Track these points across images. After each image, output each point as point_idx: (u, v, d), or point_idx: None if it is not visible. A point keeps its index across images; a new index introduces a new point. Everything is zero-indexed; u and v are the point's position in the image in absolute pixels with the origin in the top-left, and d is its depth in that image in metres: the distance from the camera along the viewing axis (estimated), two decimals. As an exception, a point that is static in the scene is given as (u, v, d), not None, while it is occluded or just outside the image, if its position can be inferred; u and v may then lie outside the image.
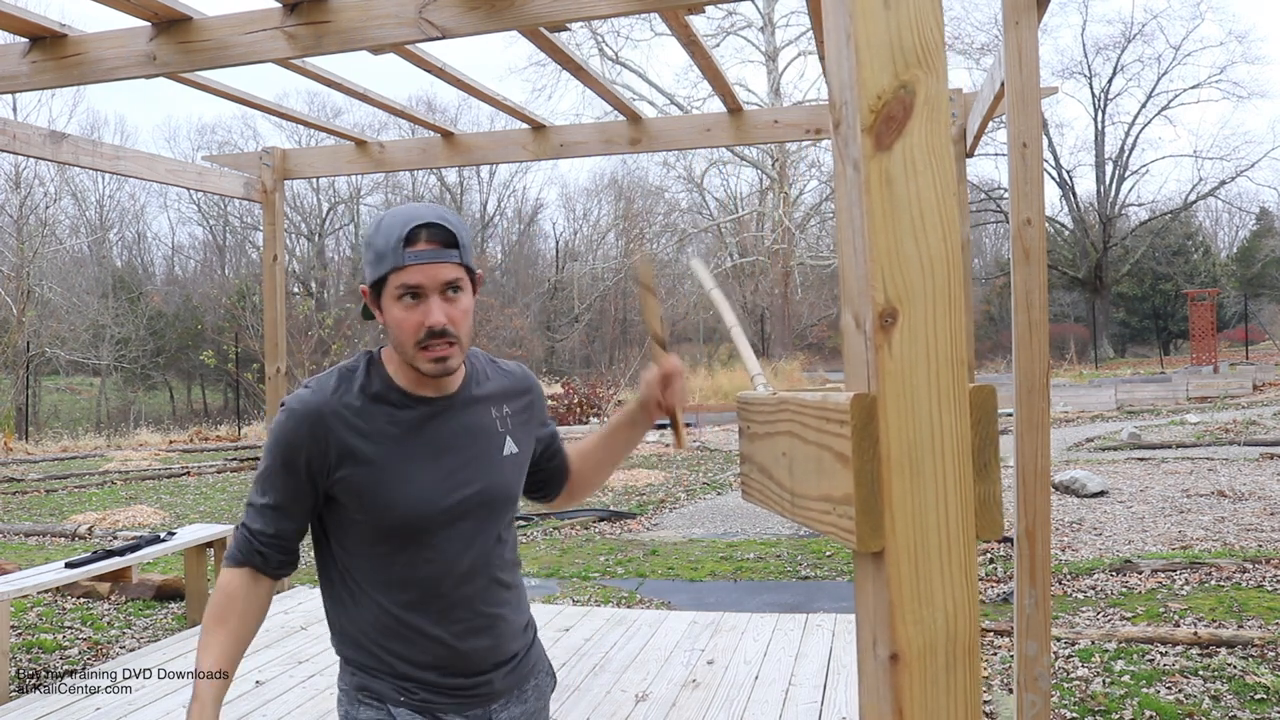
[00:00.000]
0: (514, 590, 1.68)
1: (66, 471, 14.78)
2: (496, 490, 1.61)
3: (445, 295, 1.48)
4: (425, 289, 1.46)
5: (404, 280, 1.45)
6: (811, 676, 4.06)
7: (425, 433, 1.56)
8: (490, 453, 1.62)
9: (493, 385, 1.67)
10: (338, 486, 1.53)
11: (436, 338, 1.47)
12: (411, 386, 1.57)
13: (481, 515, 1.60)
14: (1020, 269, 2.80)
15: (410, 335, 1.48)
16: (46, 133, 4.60)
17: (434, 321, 1.46)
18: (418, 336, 1.47)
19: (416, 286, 1.46)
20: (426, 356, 1.48)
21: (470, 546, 1.59)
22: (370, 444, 1.53)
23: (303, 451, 1.53)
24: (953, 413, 0.78)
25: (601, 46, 32.82)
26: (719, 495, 10.47)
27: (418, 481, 1.54)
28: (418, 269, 1.45)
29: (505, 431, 1.65)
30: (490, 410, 1.64)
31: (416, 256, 1.45)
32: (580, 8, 3.08)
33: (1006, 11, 2.80)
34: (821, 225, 35.65)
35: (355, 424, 1.53)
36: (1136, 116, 36.19)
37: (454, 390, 1.60)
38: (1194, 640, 4.61)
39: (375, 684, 1.61)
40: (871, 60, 0.75)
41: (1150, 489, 9.13)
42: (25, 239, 27.35)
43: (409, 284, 1.46)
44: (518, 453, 1.67)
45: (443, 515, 1.56)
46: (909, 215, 0.76)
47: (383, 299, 1.50)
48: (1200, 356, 24.90)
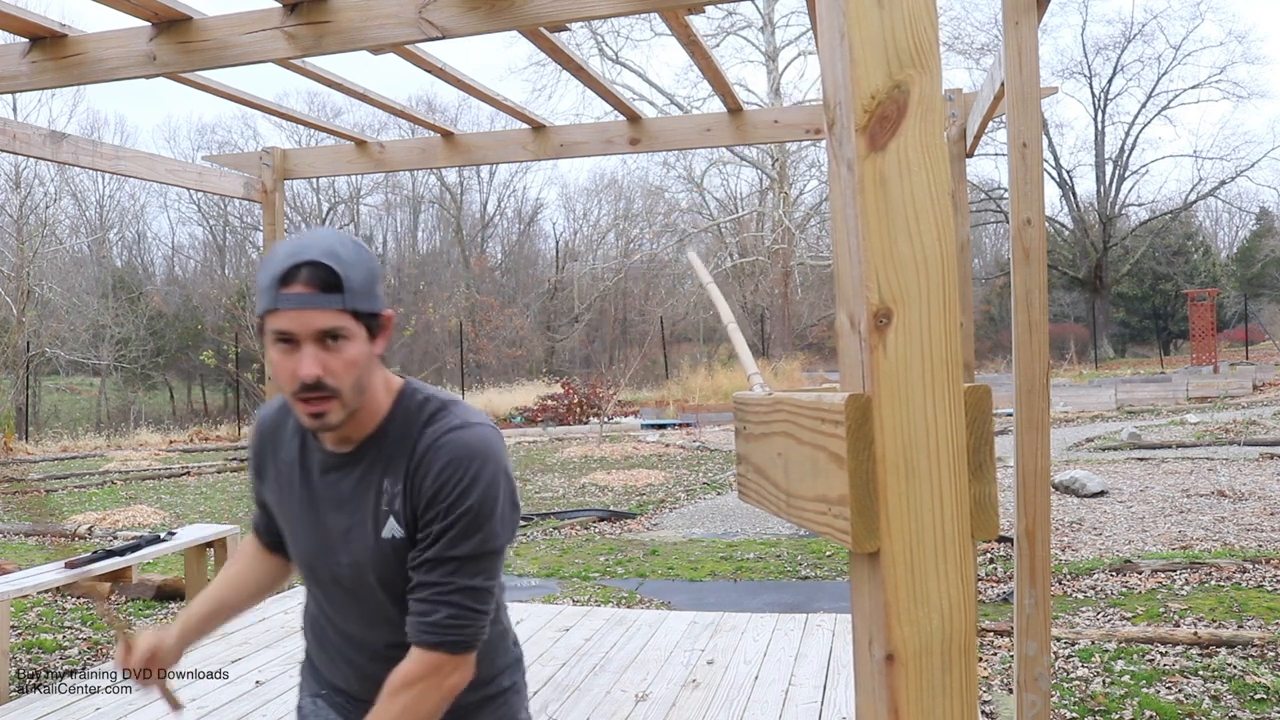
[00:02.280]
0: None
1: (66, 471, 14.78)
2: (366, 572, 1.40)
3: (323, 344, 1.29)
4: (298, 336, 1.29)
5: (275, 325, 1.29)
6: (811, 676, 4.06)
7: (323, 485, 1.44)
8: (365, 528, 1.40)
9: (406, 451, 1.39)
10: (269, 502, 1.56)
11: (309, 390, 1.30)
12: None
13: (351, 589, 1.43)
14: (1020, 269, 2.80)
15: (286, 385, 1.31)
16: (46, 133, 4.60)
17: (305, 374, 1.28)
18: (293, 387, 1.31)
19: (288, 333, 1.29)
20: (303, 410, 1.32)
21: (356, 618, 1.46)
22: (281, 473, 1.50)
23: (251, 457, 1.58)
24: (947, 413, 0.78)
25: (601, 46, 32.83)
26: (719, 495, 10.47)
27: (302, 536, 1.47)
28: (289, 314, 1.28)
29: (389, 510, 1.39)
30: (384, 480, 1.39)
31: (289, 300, 1.28)
32: (580, 8, 3.08)
33: (1006, 11, 2.80)
34: (821, 225, 35.64)
35: (279, 450, 1.50)
36: (1136, 116, 36.22)
37: (353, 448, 1.42)
38: (1194, 640, 4.61)
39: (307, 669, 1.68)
40: (865, 60, 0.75)
41: (1150, 489, 9.13)
42: (25, 239, 27.36)
43: (280, 330, 1.29)
44: (402, 539, 1.38)
45: (316, 573, 1.48)
46: (903, 215, 0.76)
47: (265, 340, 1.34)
48: (1200, 356, 24.90)
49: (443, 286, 36.09)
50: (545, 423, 19.42)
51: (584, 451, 14.51)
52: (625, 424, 19.31)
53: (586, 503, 10.20)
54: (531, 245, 43.60)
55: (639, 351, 27.31)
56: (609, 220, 42.32)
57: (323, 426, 1.34)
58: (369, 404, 1.40)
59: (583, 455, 14.19)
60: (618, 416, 19.96)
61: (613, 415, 19.07)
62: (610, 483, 11.41)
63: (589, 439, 16.43)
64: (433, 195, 41.58)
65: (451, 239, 40.84)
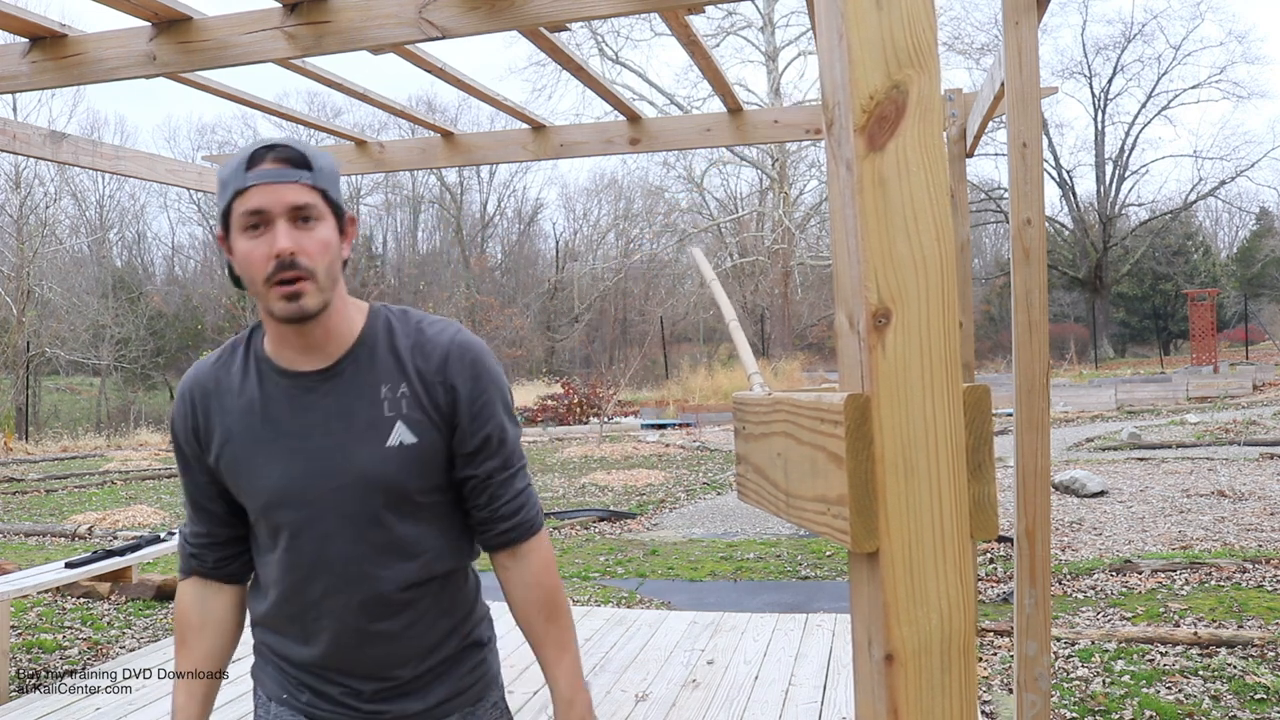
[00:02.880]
0: (415, 602, 1.40)
1: (66, 471, 14.78)
2: (371, 482, 1.34)
3: (296, 223, 1.27)
4: (270, 212, 1.25)
5: (246, 205, 1.25)
6: (811, 676, 4.06)
7: (289, 410, 1.36)
8: (366, 438, 1.34)
9: (391, 356, 1.38)
10: (220, 469, 1.39)
11: (286, 269, 1.25)
12: (280, 358, 1.37)
13: (354, 509, 1.35)
14: (1020, 269, 2.80)
15: (259, 269, 1.26)
16: (46, 133, 4.60)
17: (280, 248, 1.24)
18: (266, 270, 1.26)
19: (260, 211, 1.25)
20: (277, 294, 1.26)
21: (339, 546, 1.35)
22: (236, 420, 1.37)
23: (184, 436, 1.41)
24: (947, 413, 0.78)
25: (601, 46, 32.83)
26: (719, 495, 10.47)
27: (277, 466, 1.35)
28: (260, 189, 1.25)
29: (395, 415, 1.35)
30: (380, 388, 1.36)
31: (259, 176, 1.25)
32: (580, 8, 3.07)
33: (1006, 11, 2.80)
34: (821, 225, 35.64)
35: (224, 401, 1.38)
36: (1136, 116, 36.22)
37: (330, 363, 1.36)
38: (1194, 640, 4.61)
39: (264, 673, 1.49)
40: (864, 60, 0.75)
41: (1150, 489, 9.13)
42: (25, 239, 27.37)
43: (251, 208, 1.25)
44: (415, 444, 1.35)
45: (300, 505, 1.35)
46: (902, 216, 0.76)
47: (231, 238, 1.29)
48: (1200, 356, 24.90)
49: (443, 286, 36.09)
50: (545, 423, 19.42)
51: (584, 451, 14.51)
52: (625, 424, 19.31)
53: (586, 503, 10.20)
54: (531, 245, 43.62)
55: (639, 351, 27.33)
56: (609, 220, 42.34)
57: (298, 311, 1.27)
58: (342, 316, 1.36)
59: (583, 455, 14.19)
60: (618, 416, 19.96)
61: (613, 415, 19.07)
62: (610, 483, 11.41)
63: (589, 439, 16.43)
64: (433, 195, 41.59)
65: (451, 239, 40.85)
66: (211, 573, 1.45)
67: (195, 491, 1.43)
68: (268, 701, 1.46)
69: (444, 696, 1.45)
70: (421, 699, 1.43)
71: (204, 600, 1.45)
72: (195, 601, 1.44)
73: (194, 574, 1.45)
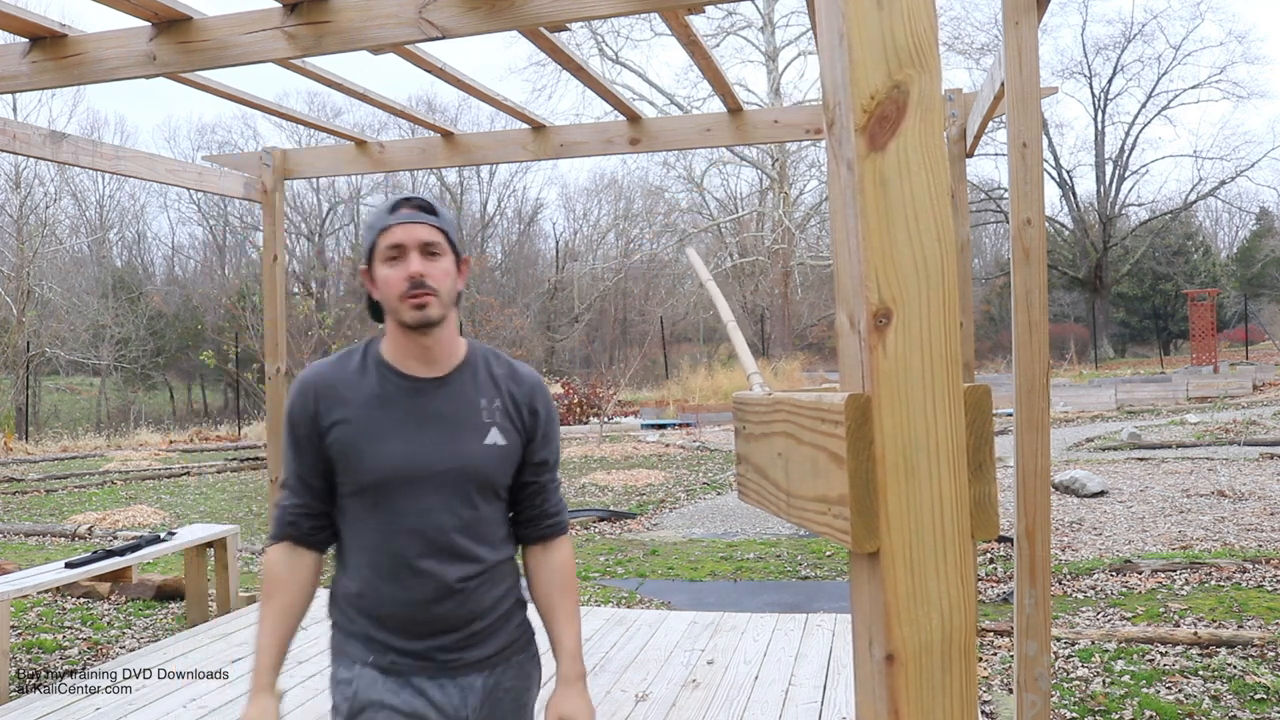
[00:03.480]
0: (488, 568, 1.72)
1: (66, 471, 14.78)
2: (470, 470, 1.69)
3: (424, 254, 1.65)
4: (406, 246, 1.63)
5: (388, 240, 1.64)
6: (811, 676, 4.06)
7: (407, 405, 1.69)
8: (469, 435, 1.70)
9: (489, 378, 1.76)
10: (331, 449, 1.68)
11: (417, 288, 1.62)
12: (401, 364, 1.71)
13: (451, 489, 1.68)
14: (1020, 269, 2.80)
15: (395, 288, 1.63)
16: (46, 133, 4.60)
17: (412, 271, 1.62)
18: (401, 289, 1.63)
19: (399, 245, 1.63)
20: (409, 304, 1.63)
21: (437, 517, 1.67)
22: (353, 410, 1.68)
23: (302, 421, 1.71)
24: (947, 413, 0.78)
25: (601, 46, 32.83)
26: (719, 495, 10.47)
27: (390, 446, 1.66)
28: (399, 228, 1.64)
29: (491, 423, 1.73)
30: (480, 399, 1.73)
31: (398, 218, 1.65)
32: (580, 8, 3.08)
33: (1006, 11, 2.80)
34: (821, 225, 35.64)
35: (344, 394, 1.70)
36: (1136, 116, 36.23)
37: (443, 374, 1.72)
38: (1194, 640, 4.61)
39: (349, 645, 1.74)
40: (865, 60, 0.75)
41: (1150, 489, 9.13)
42: (25, 239, 27.36)
43: (392, 242, 1.64)
44: (504, 446, 1.73)
45: (410, 481, 1.66)
46: (903, 216, 0.76)
47: (374, 268, 1.67)
48: (1200, 356, 24.90)
49: (443, 286, 36.02)
50: (545, 423, 19.37)
51: (584, 451, 14.51)
52: (625, 424, 19.31)
53: (586, 503, 10.20)
54: (531, 245, 43.60)
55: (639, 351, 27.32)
56: (609, 220, 42.32)
57: (424, 319, 1.64)
58: (453, 337, 1.74)
59: (583, 455, 14.19)
60: (618, 416, 19.96)
61: (613, 415, 19.07)
62: (610, 483, 11.41)
63: (589, 439, 16.43)
64: (433, 195, 41.42)
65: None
66: (303, 538, 1.74)
67: (303, 470, 1.72)
68: (352, 664, 1.71)
69: (502, 645, 1.76)
70: (485, 648, 1.73)
71: (292, 561, 1.74)
72: (284, 561, 1.74)
73: (286, 539, 1.74)
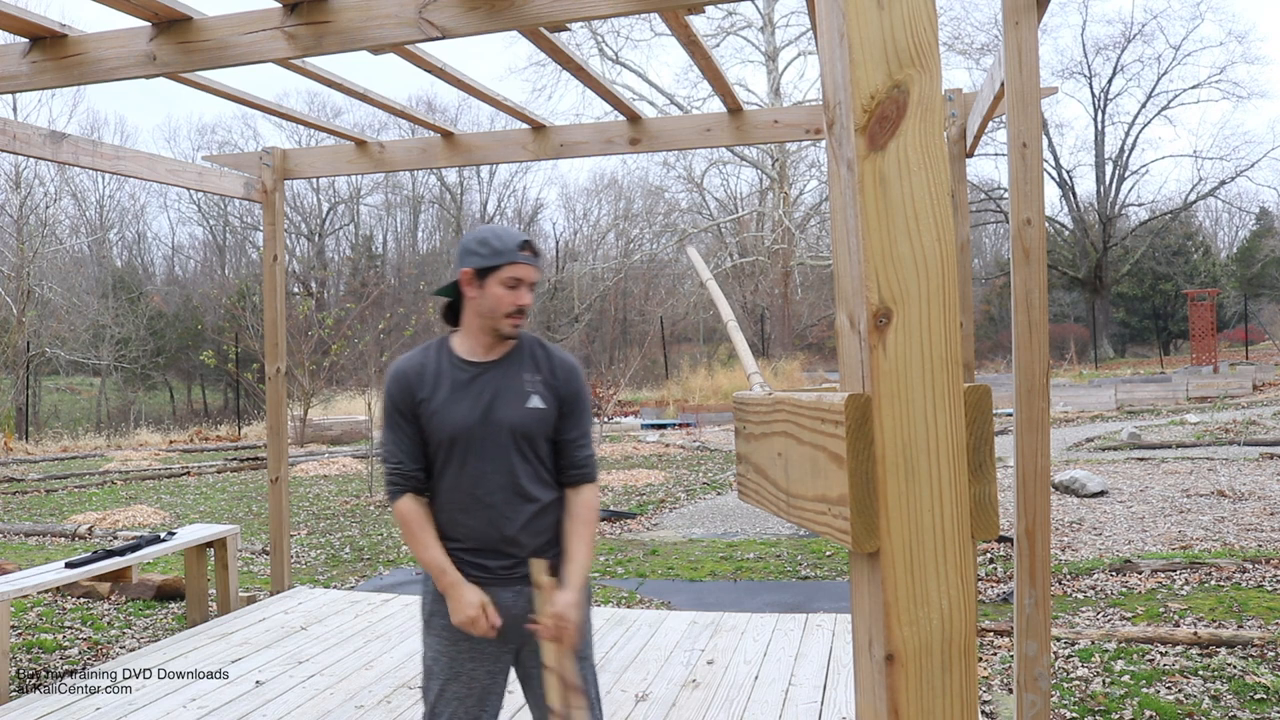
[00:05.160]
0: (538, 505, 2.28)
1: (66, 471, 14.78)
2: (517, 424, 2.26)
3: (528, 288, 2.26)
4: (522, 281, 2.24)
5: (514, 273, 2.23)
6: (811, 676, 4.06)
7: (472, 383, 2.28)
8: (517, 400, 2.27)
9: (533, 359, 2.33)
10: (421, 417, 2.27)
11: (518, 314, 2.25)
12: (468, 355, 2.31)
13: (505, 439, 2.25)
14: (1020, 269, 2.80)
15: (505, 308, 2.23)
16: (46, 133, 4.60)
17: (524, 303, 2.25)
18: (509, 310, 2.23)
19: (519, 278, 2.23)
20: (510, 323, 2.25)
21: (496, 461, 2.25)
22: (434, 389, 2.27)
23: (401, 400, 2.28)
24: (947, 413, 0.78)
25: (601, 46, 32.82)
26: (719, 495, 10.47)
27: (461, 410, 2.25)
28: (525, 267, 2.24)
29: (533, 391, 2.29)
30: (524, 375, 2.30)
31: (526, 259, 2.24)
32: (580, 8, 3.08)
33: (1006, 11, 2.80)
34: (821, 225, 35.63)
35: (426, 377, 2.29)
36: (1136, 116, 36.21)
37: (498, 358, 2.31)
38: (1194, 640, 4.61)
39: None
40: (865, 60, 0.75)
41: (1150, 489, 9.13)
42: (25, 239, 27.35)
43: (516, 276, 2.23)
44: (543, 409, 2.29)
45: (474, 433, 2.24)
46: (903, 215, 0.76)
47: (487, 280, 2.24)
48: (1200, 356, 24.90)
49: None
50: (545, 423, 19.36)
51: (584, 451, 14.48)
52: (625, 424, 19.30)
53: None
54: (531, 245, 43.52)
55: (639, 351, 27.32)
56: (609, 220, 42.31)
57: (514, 334, 2.28)
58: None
59: (583, 455, 14.17)
60: (618, 416, 19.95)
61: (613, 415, 19.06)
62: (610, 483, 11.41)
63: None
64: (433, 195, 41.59)
65: (451, 239, 40.83)
66: (419, 489, 2.30)
67: (407, 440, 2.28)
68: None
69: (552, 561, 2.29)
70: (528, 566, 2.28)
71: (419, 505, 2.30)
72: (415, 507, 2.29)
73: (410, 492, 2.29)
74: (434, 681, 2.30)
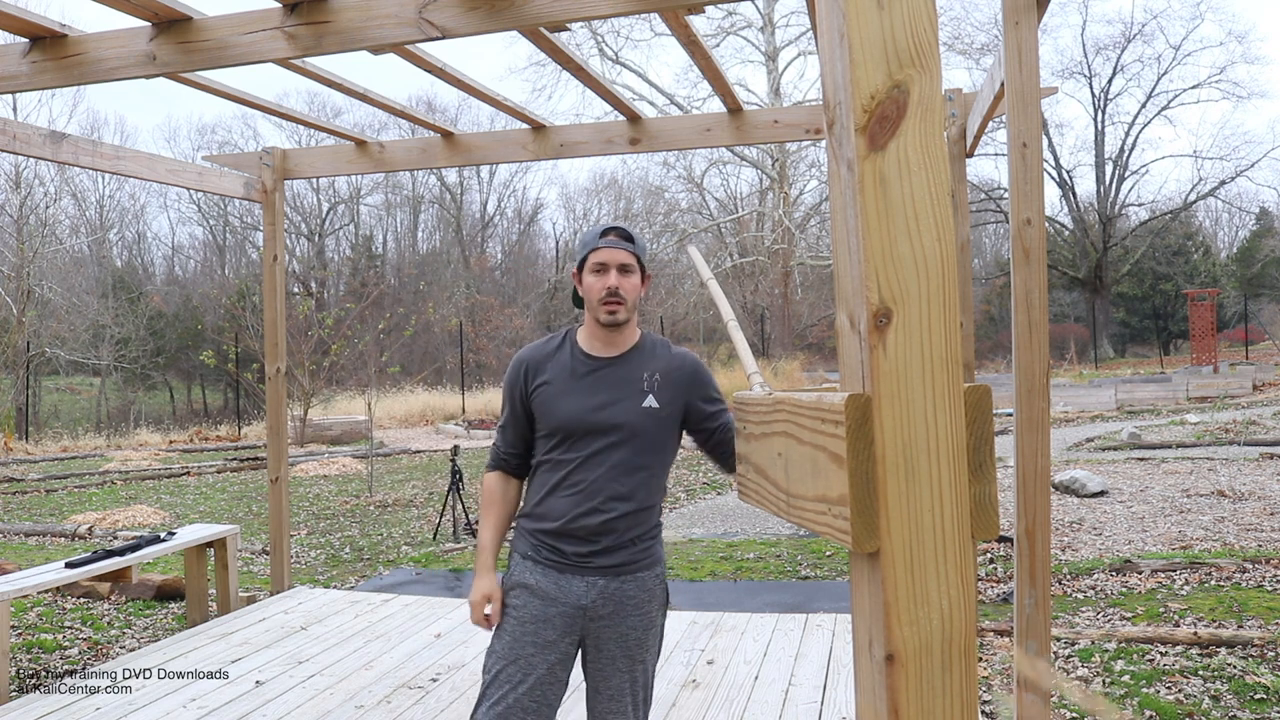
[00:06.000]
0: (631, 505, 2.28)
1: (66, 471, 14.78)
2: (628, 425, 2.28)
3: (621, 271, 2.27)
4: (608, 265, 2.26)
5: (596, 259, 2.28)
6: (811, 676, 4.06)
7: (589, 377, 2.31)
8: (632, 400, 2.29)
9: (653, 359, 2.36)
10: (533, 403, 2.34)
11: (612, 297, 2.25)
12: (589, 349, 2.35)
13: (613, 439, 2.27)
14: (1020, 269, 2.80)
15: (596, 294, 2.27)
16: (46, 133, 4.60)
17: (610, 284, 2.25)
18: (601, 295, 2.26)
19: (603, 263, 2.26)
20: (604, 309, 2.26)
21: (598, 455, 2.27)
22: (551, 377, 2.32)
23: (516, 385, 2.37)
24: (948, 413, 0.78)
25: (601, 46, 32.81)
26: (719, 495, 10.47)
27: (573, 402, 2.28)
28: (605, 250, 2.27)
29: (649, 391, 2.31)
30: (643, 373, 2.32)
31: (606, 243, 2.28)
32: (580, 8, 3.08)
33: (1006, 11, 2.80)
34: (821, 225, 35.63)
35: (546, 366, 2.35)
36: (1136, 116, 36.21)
37: (618, 354, 2.34)
38: (1194, 640, 4.61)
39: (520, 541, 2.37)
40: (865, 60, 0.75)
41: (1150, 489, 9.13)
42: (25, 239, 27.35)
43: (598, 261, 2.27)
44: (658, 409, 2.30)
45: (583, 425, 2.27)
46: (903, 216, 0.76)
47: (584, 274, 2.30)
48: (1200, 356, 24.90)
49: (443, 286, 36.06)
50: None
51: (584, 451, 14.48)
52: (625, 424, 19.26)
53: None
54: (531, 245, 43.60)
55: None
56: (609, 220, 42.28)
57: (613, 320, 2.28)
58: (632, 329, 2.37)
59: (583, 455, 14.17)
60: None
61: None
62: (610, 483, 11.40)
63: (589, 439, 16.40)
64: (433, 195, 41.58)
65: (451, 239, 40.84)
66: (513, 469, 2.43)
67: (516, 421, 2.38)
68: (521, 560, 2.34)
69: (623, 561, 2.31)
70: (609, 559, 2.29)
71: (504, 485, 2.43)
72: (499, 485, 2.42)
73: (500, 469, 2.42)
74: (493, 660, 2.30)
